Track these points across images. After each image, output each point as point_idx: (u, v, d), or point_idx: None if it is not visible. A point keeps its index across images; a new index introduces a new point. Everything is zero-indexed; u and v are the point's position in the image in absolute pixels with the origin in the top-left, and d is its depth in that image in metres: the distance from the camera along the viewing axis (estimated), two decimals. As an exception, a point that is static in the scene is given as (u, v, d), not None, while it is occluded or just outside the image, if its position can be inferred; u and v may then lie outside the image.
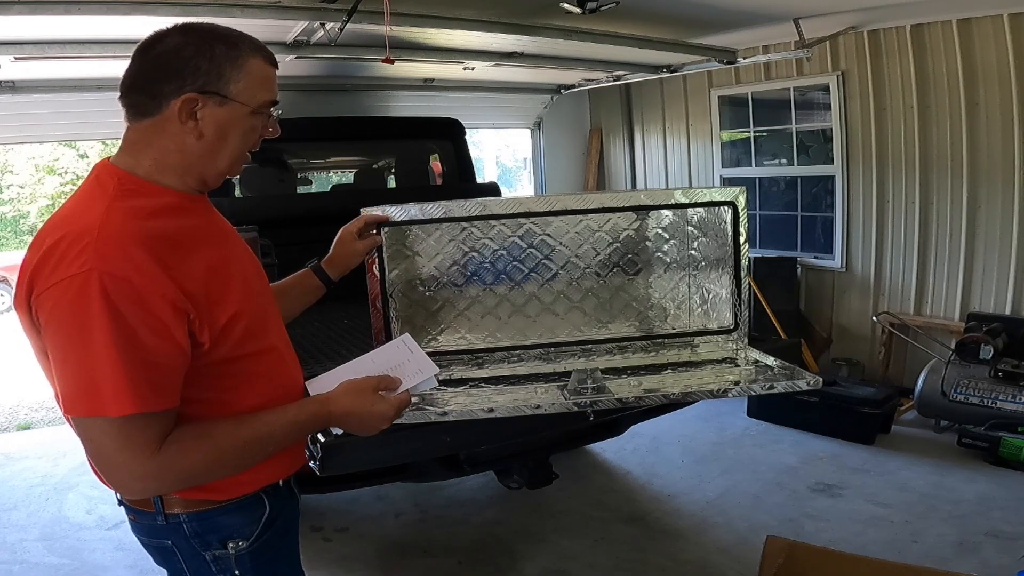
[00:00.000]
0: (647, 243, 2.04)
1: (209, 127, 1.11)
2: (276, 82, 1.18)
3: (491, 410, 1.55)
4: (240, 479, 1.17)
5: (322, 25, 3.35)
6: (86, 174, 1.18)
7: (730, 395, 1.71)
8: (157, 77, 1.11)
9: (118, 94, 1.17)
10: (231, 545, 1.18)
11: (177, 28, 1.13)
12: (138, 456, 1.02)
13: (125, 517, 1.29)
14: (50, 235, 1.04)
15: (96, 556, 3.11)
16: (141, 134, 1.13)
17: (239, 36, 1.14)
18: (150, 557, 1.28)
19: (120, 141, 1.18)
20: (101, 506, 3.58)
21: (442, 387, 1.84)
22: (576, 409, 1.58)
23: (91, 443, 1.03)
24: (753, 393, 1.70)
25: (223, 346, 1.11)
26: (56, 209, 1.13)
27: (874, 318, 4.79)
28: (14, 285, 1.11)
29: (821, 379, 1.70)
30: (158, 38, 1.12)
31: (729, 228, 1.88)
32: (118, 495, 1.22)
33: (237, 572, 1.20)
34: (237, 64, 1.12)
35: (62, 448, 4.51)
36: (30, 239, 1.14)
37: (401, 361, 1.33)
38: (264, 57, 1.16)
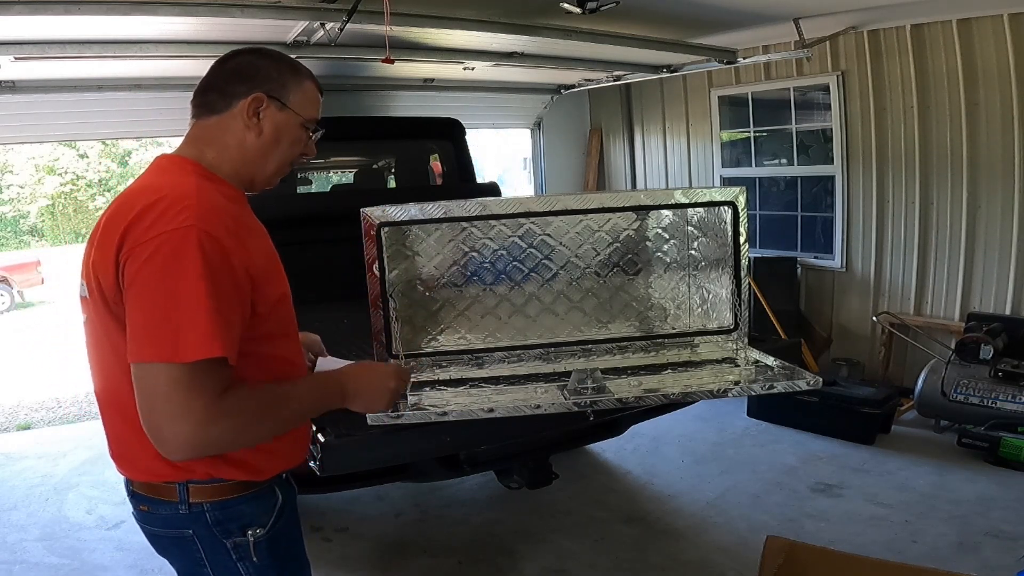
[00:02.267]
0: (647, 243, 2.04)
1: (268, 127, 1.27)
2: (321, 107, 1.36)
3: (491, 410, 1.55)
4: (260, 466, 1.25)
5: (322, 25, 3.35)
6: (86, 174, 1.23)
7: (730, 395, 1.71)
8: (232, 80, 1.27)
9: (191, 96, 1.31)
10: (250, 532, 1.25)
11: (251, 49, 1.33)
12: (205, 400, 1.08)
13: (125, 517, 1.29)
14: (142, 198, 1.14)
15: (96, 556, 3.11)
16: (206, 130, 1.28)
17: (300, 64, 1.35)
18: (154, 552, 1.31)
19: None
20: (101, 506, 3.57)
21: (442, 387, 1.84)
22: (576, 409, 1.59)
23: (156, 390, 1.07)
24: (753, 393, 1.71)
25: (267, 322, 1.22)
26: (123, 190, 1.24)
27: (874, 318, 4.79)
28: (89, 269, 1.17)
29: (821, 379, 1.71)
30: (235, 54, 1.31)
31: (729, 228, 1.89)
32: (131, 484, 1.26)
33: (255, 558, 1.26)
34: (297, 80, 1.31)
35: (62, 448, 4.51)
36: (30, 239, 1.18)
37: None
38: (316, 85, 1.36)
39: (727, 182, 5.80)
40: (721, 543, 3.00)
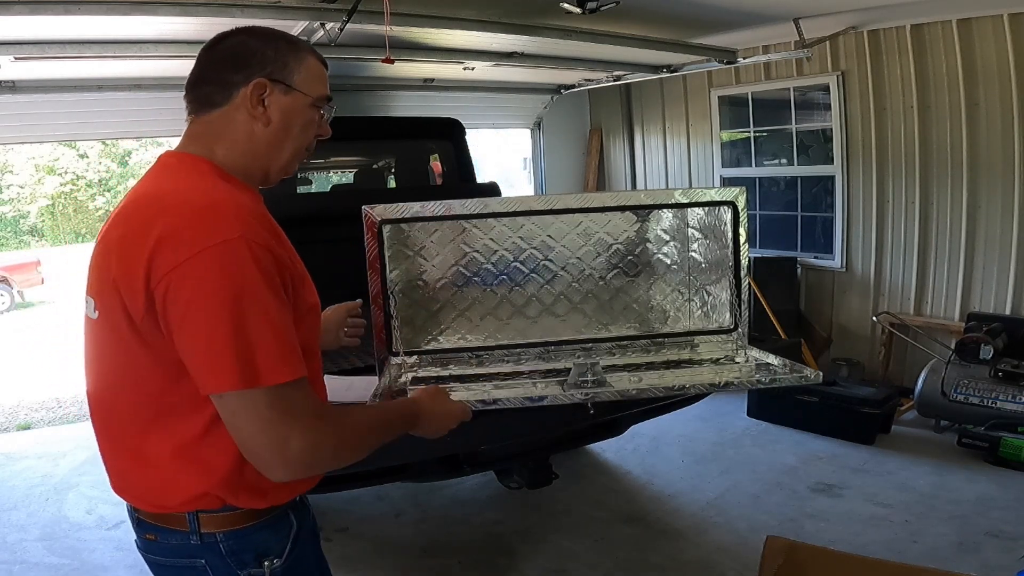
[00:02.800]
0: (647, 244, 2.04)
1: (276, 114, 1.15)
2: (328, 81, 1.24)
3: (494, 401, 1.54)
4: (276, 491, 1.15)
5: (322, 25, 3.35)
6: (86, 174, 1.19)
7: (730, 389, 1.72)
8: (227, 67, 1.14)
9: (183, 92, 1.19)
10: (266, 563, 1.17)
11: (239, 29, 1.18)
12: (306, 420, 1.02)
13: (125, 517, 1.27)
14: (164, 206, 1.03)
15: (96, 556, 3.11)
16: (208, 126, 1.16)
17: (296, 37, 1.21)
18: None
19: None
20: (101, 506, 3.58)
21: (441, 384, 1.85)
22: (576, 400, 1.58)
23: (251, 416, 1.00)
24: (755, 387, 1.71)
25: (298, 330, 1.11)
26: (131, 194, 1.13)
27: (874, 318, 4.79)
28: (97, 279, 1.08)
29: (821, 373, 1.71)
30: (221, 37, 1.17)
31: (729, 229, 1.89)
32: (136, 512, 1.20)
33: None
34: (298, 57, 1.17)
35: (62, 448, 4.51)
36: (30, 239, 1.15)
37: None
38: (318, 57, 1.22)
39: (727, 182, 5.80)
40: (721, 543, 3.00)
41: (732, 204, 1.88)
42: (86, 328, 1.16)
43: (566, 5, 3.23)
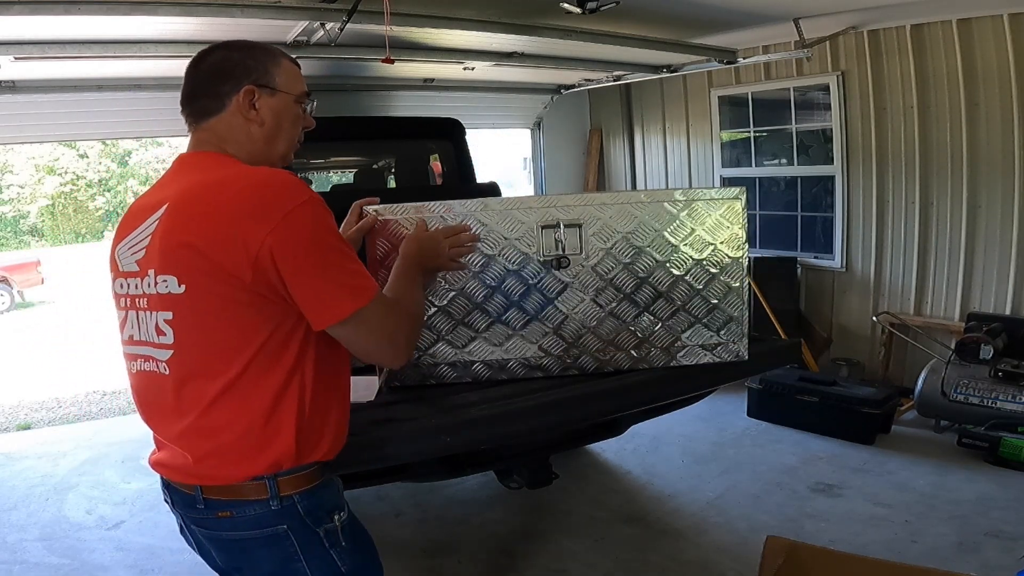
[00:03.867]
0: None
1: (267, 115, 1.31)
2: (303, 79, 1.40)
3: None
4: (333, 446, 1.30)
5: (322, 25, 3.36)
6: (86, 174, 1.24)
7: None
8: (215, 80, 1.29)
9: (180, 107, 1.34)
10: (336, 517, 1.28)
11: (217, 45, 1.33)
12: (393, 314, 1.28)
13: (125, 517, 1.29)
14: (236, 193, 1.17)
15: (96, 556, 3.11)
16: (211, 132, 1.30)
17: (269, 44, 1.38)
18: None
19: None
20: (101, 506, 3.58)
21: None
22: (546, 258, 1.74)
23: (380, 325, 1.24)
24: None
25: None
26: (184, 187, 1.25)
27: (874, 318, 4.80)
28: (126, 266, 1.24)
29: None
30: (204, 55, 1.32)
31: None
32: (202, 494, 1.24)
33: (343, 543, 1.29)
34: (275, 62, 1.33)
35: (62, 448, 4.51)
36: (30, 239, 1.18)
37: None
38: (291, 59, 1.38)
39: (727, 182, 5.80)
40: (721, 543, 3.00)
41: (733, 203, 1.87)
42: (149, 304, 1.22)
43: (566, 5, 3.23)
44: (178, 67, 4.43)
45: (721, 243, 1.85)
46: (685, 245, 1.83)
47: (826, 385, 4.15)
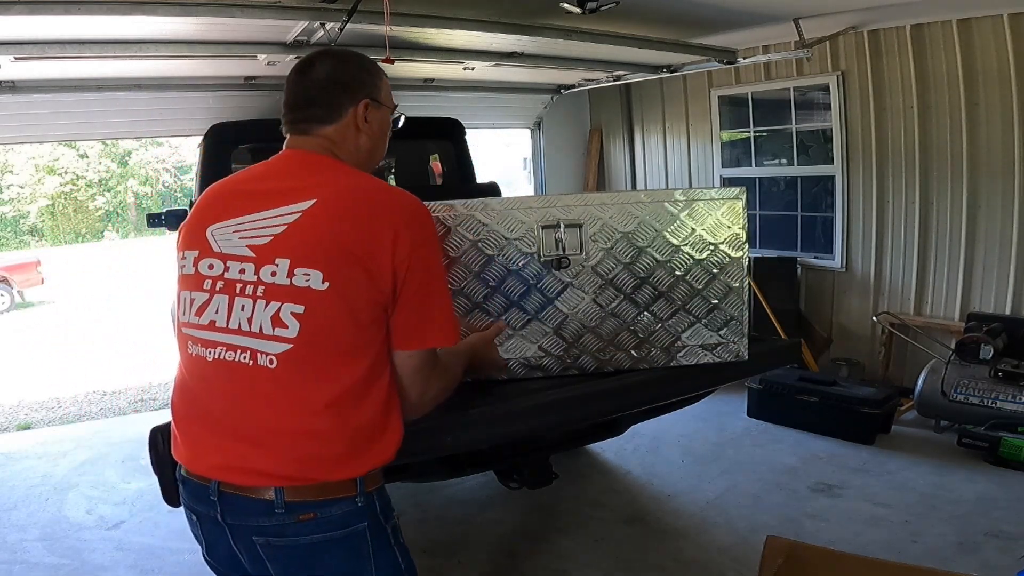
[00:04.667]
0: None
1: (375, 125, 1.40)
2: None
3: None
4: (396, 447, 1.30)
5: (322, 25, 3.36)
6: (86, 174, 1.22)
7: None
8: (335, 92, 1.35)
9: (286, 110, 1.38)
10: (394, 514, 1.33)
11: (324, 53, 1.40)
12: (448, 375, 1.41)
13: (125, 517, 1.28)
14: (388, 204, 1.25)
15: (96, 556, 3.11)
16: (326, 139, 1.35)
17: (371, 59, 1.46)
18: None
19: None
20: (101, 506, 3.58)
21: None
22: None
23: (434, 372, 1.33)
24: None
25: None
26: (340, 185, 1.29)
27: (874, 318, 4.80)
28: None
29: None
30: (311, 63, 1.38)
31: None
32: (282, 497, 1.18)
33: (402, 540, 1.34)
34: (381, 77, 1.43)
35: (62, 448, 4.51)
36: (30, 239, 1.16)
37: None
38: (385, 75, 1.47)
39: (727, 182, 5.80)
40: (721, 543, 3.00)
41: (733, 203, 1.87)
42: (272, 295, 1.19)
43: (566, 5, 3.23)
44: (178, 67, 4.44)
45: (721, 243, 1.84)
46: (686, 245, 1.83)
47: (826, 385, 4.15)
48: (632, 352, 1.87)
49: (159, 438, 1.39)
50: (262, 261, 1.18)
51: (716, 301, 1.87)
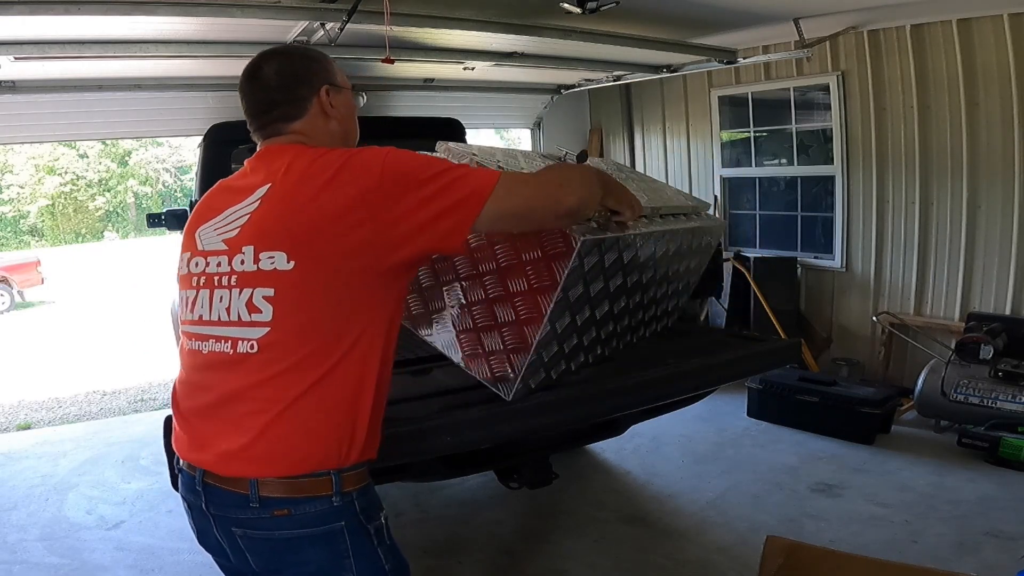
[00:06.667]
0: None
1: (342, 109, 1.42)
2: None
3: None
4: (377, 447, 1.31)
5: (322, 25, 3.36)
6: (86, 174, 1.23)
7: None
8: (293, 86, 1.37)
9: (252, 118, 1.39)
10: (382, 515, 1.30)
11: (267, 55, 1.40)
12: (533, 181, 1.36)
13: (125, 517, 1.28)
14: (321, 163, 1.23)
15: (96, 556, 3.11)
16: (297, 134, 1.37)
17: (313, 48, 1.50)
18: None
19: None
20: (101, 506, 3.58)
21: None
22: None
23: (536, 177, 1.36)
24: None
25: (402, 287, 1.32)
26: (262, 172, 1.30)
27: (874, 318, 4.80)
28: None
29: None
30: (259, 66, 1.38)
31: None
32: (258, 491, 1.18)
33: (388, 541, 1.30)
34: (330, 62, 1.44)
35: (62, 448, 4.51)
36: (30, 239, 1.17)
37: None
38: (329, 56, 1.48)
39: (727, 182, 5.81)
40: (721, 543, 3.00)
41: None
42: (241, 281, 1.22)
43: (566, 5, 3.23)
44: (178, 67, 4.44)
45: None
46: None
47: (826, 385, 4.15)
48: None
49: (169, 426, 1.42)
50: (233, 252, 1.23)
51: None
